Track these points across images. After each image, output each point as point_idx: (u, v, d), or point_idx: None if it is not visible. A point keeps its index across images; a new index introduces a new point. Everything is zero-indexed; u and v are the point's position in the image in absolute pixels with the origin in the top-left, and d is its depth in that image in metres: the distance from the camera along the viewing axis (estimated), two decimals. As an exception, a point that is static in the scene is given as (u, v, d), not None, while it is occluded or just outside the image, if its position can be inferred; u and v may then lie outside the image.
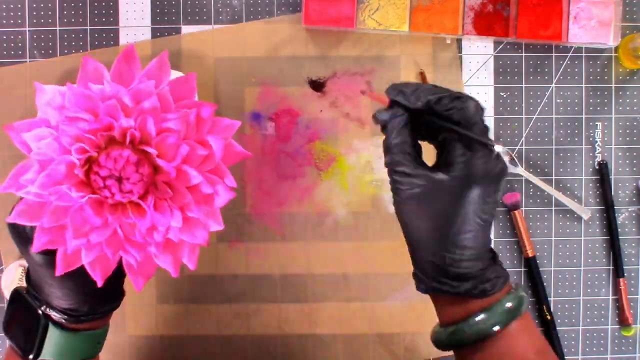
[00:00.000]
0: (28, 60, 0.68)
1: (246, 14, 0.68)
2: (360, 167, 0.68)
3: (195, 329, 0.68)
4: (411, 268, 0.46)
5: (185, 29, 0.68)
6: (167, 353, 0.68)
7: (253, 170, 0.68)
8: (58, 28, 0.68)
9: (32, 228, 0.43)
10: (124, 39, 0.68)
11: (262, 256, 0.68)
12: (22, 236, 0.45)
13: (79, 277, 0.44)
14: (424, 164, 0.44)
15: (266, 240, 0.68)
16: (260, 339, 0.68)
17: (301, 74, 0.68)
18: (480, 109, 0.43)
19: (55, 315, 0.46)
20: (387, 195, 0.68)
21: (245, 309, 0.68)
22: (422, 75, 0.68)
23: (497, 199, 0.43)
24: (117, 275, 0.46)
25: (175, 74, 0.65)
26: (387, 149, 0.44)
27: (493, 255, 0.45)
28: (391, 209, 0.67)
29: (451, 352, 0.49)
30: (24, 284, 0.48)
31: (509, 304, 0.43)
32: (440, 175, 0.42)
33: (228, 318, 0.68)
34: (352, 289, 0.68)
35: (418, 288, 0.46)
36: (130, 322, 0.68)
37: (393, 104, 0.44)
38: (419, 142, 0.46)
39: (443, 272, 0.43)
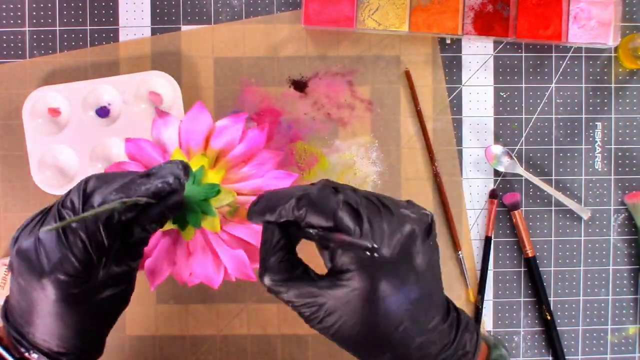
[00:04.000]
0: (28, 59, 0.67)
1: (246, 14, 0.68)
2: (342, 167, 0.68)
3: (195, 329, 0.68)
4: None
5: (185, 29, 0.68)
6: (167, 353, 0.68)
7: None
8: (58, 28, 0.68)
9: (47, 256, 0.41)
10: (124, 38, 0.68)
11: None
12: (33, 265, 0.41)
13: (82, 319, 0.43)
14: (312, 277, 0.39)
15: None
16: (260, 339, 0.68)
17: (283, 74, 0.68)
18: (328, 199, 0.38)
19: (35, 357, 0.43)
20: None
21: (245, 309, 0.68)
22: (407, 74, 0.68)
23: (427, 263, 0.39)
24: (109, 326, 0.46)
25: (160, 75, 0.65)
26: (263, 271, 0.40)
27: (457, 317, 0.41)
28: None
29: None
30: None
31: None
32: (333, 289, 0.38)
33: (228, 318, 0.68)
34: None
35: None
36: (130, 322, 0.68)
37: (262, 224, 0.41)
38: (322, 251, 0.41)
39: None
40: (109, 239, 0.41)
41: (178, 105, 0.64)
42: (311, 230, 0.39)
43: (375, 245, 0.36)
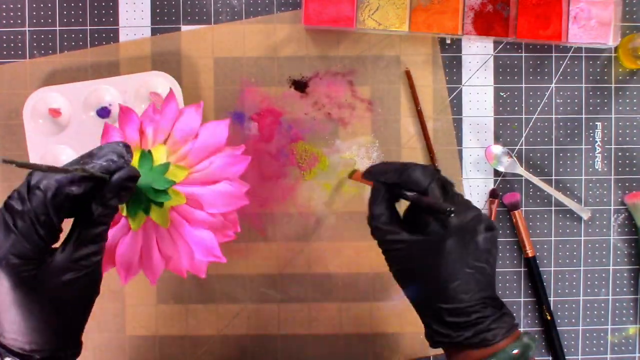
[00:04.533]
0: (28, 60, 0.68)
1: (246, 14, 0.68)
2: (343, 167, 0.68)
3: (195, 329, 0.68)
4: None
5: (185, 29, 0.68)
6: (167, 353, 0.68)
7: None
8: (58, 28, 0.68)
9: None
10: (124, 38, 0.68)
11: (244, 256, 0.68)
12: None
13: (42, 308, 0.42)
14: (403, 228, 0.49)
15: (249, 241, 0.68)
16: (260, 339, 0.68)
17: (283, 74, 0.68)
18: (427, 174, 0.49)
19: (8, 356, 0.43)
20: (369, 195, 0.68)
21: (245, 309, 0.68)
22: (407, 74, 0.68)
23: (483, 245, 0.47)
24: (79, 320, 0.45)
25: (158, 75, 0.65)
26: (371, 218, 0.51)
27: (496, 304, 0.47)
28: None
29: (435, 352, 0.61)
30: None
31: (514, 351, 0.45)
32: (416, 236, 0.48)
33: (228, 318, 0.68)
34: (333, 289, 0.68)
35: (429, 343, 0.49)
36: (130, 322, 0.68)
37: (374, 182, 0.52)
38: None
39: (442, 323, 0.47)
40: (57, 217, 0.42)
41: (179, 104, 0.64)
42: (408, 193, 0.49)
43: (453, 209, 0.44)
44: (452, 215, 0.45)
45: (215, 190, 0.52)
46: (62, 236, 0.44)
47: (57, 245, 0.44)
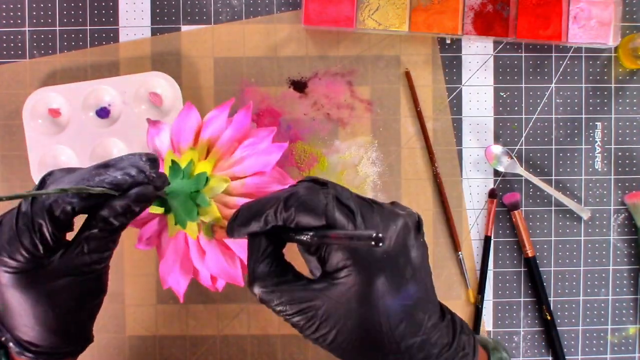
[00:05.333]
0: (28, 60, 0.68)
1: (246, 14, 0.68)
2: (342, 167, 0.68)
3: (195, 329, 0.68)
4: None
5: (185, 29, 0.68)
6: (167, 353, 0.68)
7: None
8: (58, 28, 0.68)
9: (1, 237, 0.41)
10: (124, 38, 0.68)
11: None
12: None
13: (43, 306, 0.42)
14: (306, 282, 0.38)
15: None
16: (260, 339, 0.68)
17: (283, 74, 0.68)
18: (315, 198, 0.36)
19: (14, 348, 0.43)
20: (369, 196, 0.68)
21: (245, 309, 0.68)
22: (407, 74, 0.68)
23: (419, 259, 0.38)
24: (86, 316, 0.45)
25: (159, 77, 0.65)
26: (252, 281, 0.38)
27: (449, 325, 0.40)
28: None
29: None
30: None
31: None
32: (335, 288, 0.36)
33: (228, 318, 0.68)
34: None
35: None
36: (130, 322, 0.68)
37: (248, 237, 0.39)
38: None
39: None
40: (55, 229, 0.41)
41: (178, 106, 0.64)
42: (303, 237, 0.37)
43: (380, 235, 0.32)
44: (381, 242, 0.32)
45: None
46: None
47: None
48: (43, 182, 0.43)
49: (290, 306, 0.37)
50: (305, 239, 0.37)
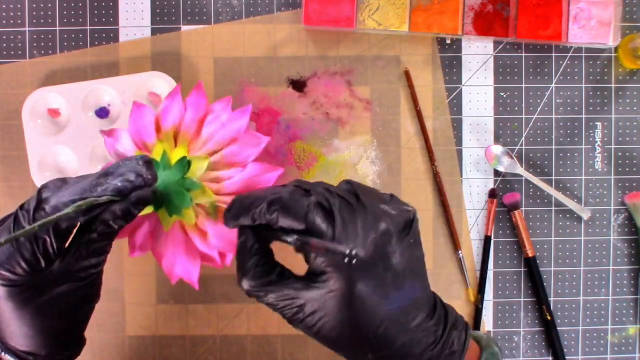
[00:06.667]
0: (28, 60, 0.68)
1: (246, 14, 0.68)
2: (341, 166, 0.68)
3: (195, 329, 0.68)
4: None
5: (185, 29, 0.68)
6: (167, 353, 0.68)
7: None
8: (58, 28, 0.68)
9: None
10: (124, 38, 0.68)
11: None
12: None
13: (41, 315, 0.42)
14: (289, 281, 0.40)
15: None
16: (260, 339, 0.68)
17: (282, 74, 0.68)
18: (297, 200, 0.38)
19: (10, 359, 0.43)
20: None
21: (245, 309, 0.68)
22: (406, 74, 0.68)
23: (404, 262, 0.38)
24: (80, 321, 0.45)
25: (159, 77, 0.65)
26: (241, 277, 0.40)
27: (440, 321, 0.40)
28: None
29: None
30: None
31: None
32: (315, 291, 0.38)
33: (228, 318, 0.68)
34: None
35: None
36: (130, 322, 0.68)
37: (238, 229, 0.41)
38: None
39: None
40: (59, 242, 0.41)
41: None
42: (286, 237, 0.39)
43: (354, 252, 0.35)
44: (355, 258, 0.35)
45: (224, 229, 0.49)
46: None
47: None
48: (39, 196, 0.42)
49: (276, 301, 0.39)
50: (289, 240, 0.39)
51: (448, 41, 0.68)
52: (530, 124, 0.68)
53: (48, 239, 0.41)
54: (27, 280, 0.41)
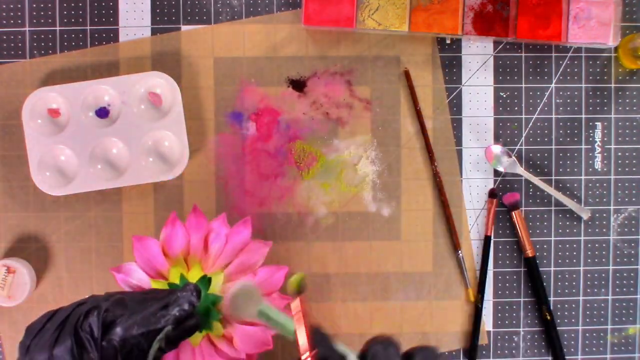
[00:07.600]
0: (28, 60, 0.68)
1: (246, 14, 0.68)
2: (341, 166, 0.68)
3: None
4: (397, 269, 0.47)
5: (185, 29, 0.68)
6: (167, 353, 0.68)
7: (234, 170, 0.67)
8: (58, 28, 0.68)
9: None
10: (124, 38, 0.68)
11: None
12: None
13: None
14: None
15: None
16: (260, 339, 0.68)
17: (282, 74, 0.68)
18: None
19: None
20: (369, 195, 0.68)
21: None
22: (406, 74, 0.68)
23: None
24: None
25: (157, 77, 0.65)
26: None
27: None
28: (372, 208, 0.67)
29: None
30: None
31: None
32: None
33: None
34: (332, 288, 0.68)
35: None
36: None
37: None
38: None
39: None
40: None
41: (177, 106, 0.64)
42: None
43: None
44: None
45: (248, 331, 0.56)
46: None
47: None
48: (104, 320, 0.45)
49: None
50: None
51: (448, 41, 0.68)
52: (530, 124, 0.68)
53: None
54: None
